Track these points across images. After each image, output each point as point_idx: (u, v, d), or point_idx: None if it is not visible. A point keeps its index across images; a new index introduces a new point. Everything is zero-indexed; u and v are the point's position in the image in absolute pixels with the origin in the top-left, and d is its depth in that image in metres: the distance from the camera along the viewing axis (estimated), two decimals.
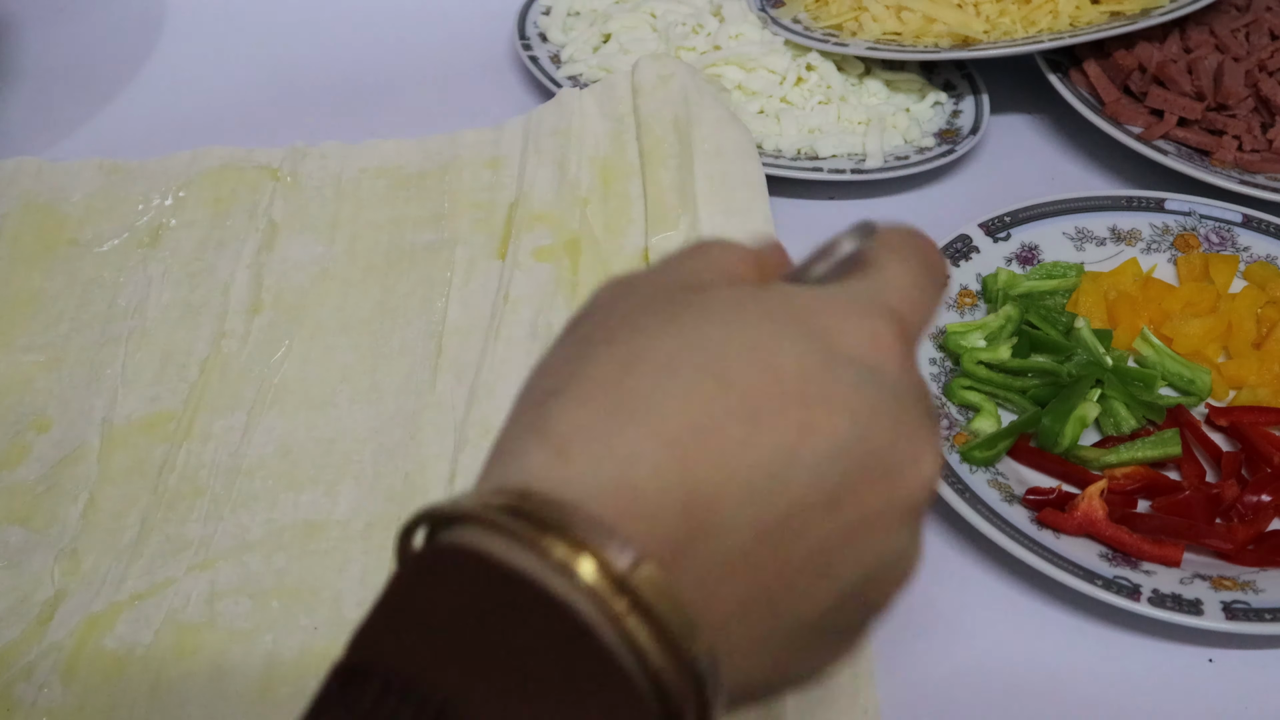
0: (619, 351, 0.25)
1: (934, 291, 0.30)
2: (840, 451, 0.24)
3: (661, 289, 0.27)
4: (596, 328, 0.27)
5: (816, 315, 0.26)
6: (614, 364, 0.25)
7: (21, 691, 0.45)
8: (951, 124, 0.73)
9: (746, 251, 0.30)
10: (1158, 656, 0.47)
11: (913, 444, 0.26)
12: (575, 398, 0.24)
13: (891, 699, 0.45)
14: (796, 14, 0.78)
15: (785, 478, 0.24)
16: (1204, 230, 0.63)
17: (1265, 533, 0.50)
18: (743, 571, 0.24)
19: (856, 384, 0.25)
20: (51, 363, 0.58)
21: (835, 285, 0.28)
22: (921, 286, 0.29)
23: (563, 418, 0.24)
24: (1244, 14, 0.76)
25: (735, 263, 0.29)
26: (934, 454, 0.27)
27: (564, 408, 0.24)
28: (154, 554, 0.50)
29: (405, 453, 0.54)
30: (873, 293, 0.28)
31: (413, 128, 0.73)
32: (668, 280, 0.28)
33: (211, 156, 0.70)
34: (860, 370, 0.25)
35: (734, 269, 0.29)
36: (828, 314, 0.26)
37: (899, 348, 0.27)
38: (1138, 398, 0.54)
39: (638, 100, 0.68)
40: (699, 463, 0.23)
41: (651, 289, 0.27)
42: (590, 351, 0.26)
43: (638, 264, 0.61)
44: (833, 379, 0.25)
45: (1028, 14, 0.73)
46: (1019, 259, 0.62)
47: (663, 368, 0.24)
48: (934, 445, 0.27)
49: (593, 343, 0.26)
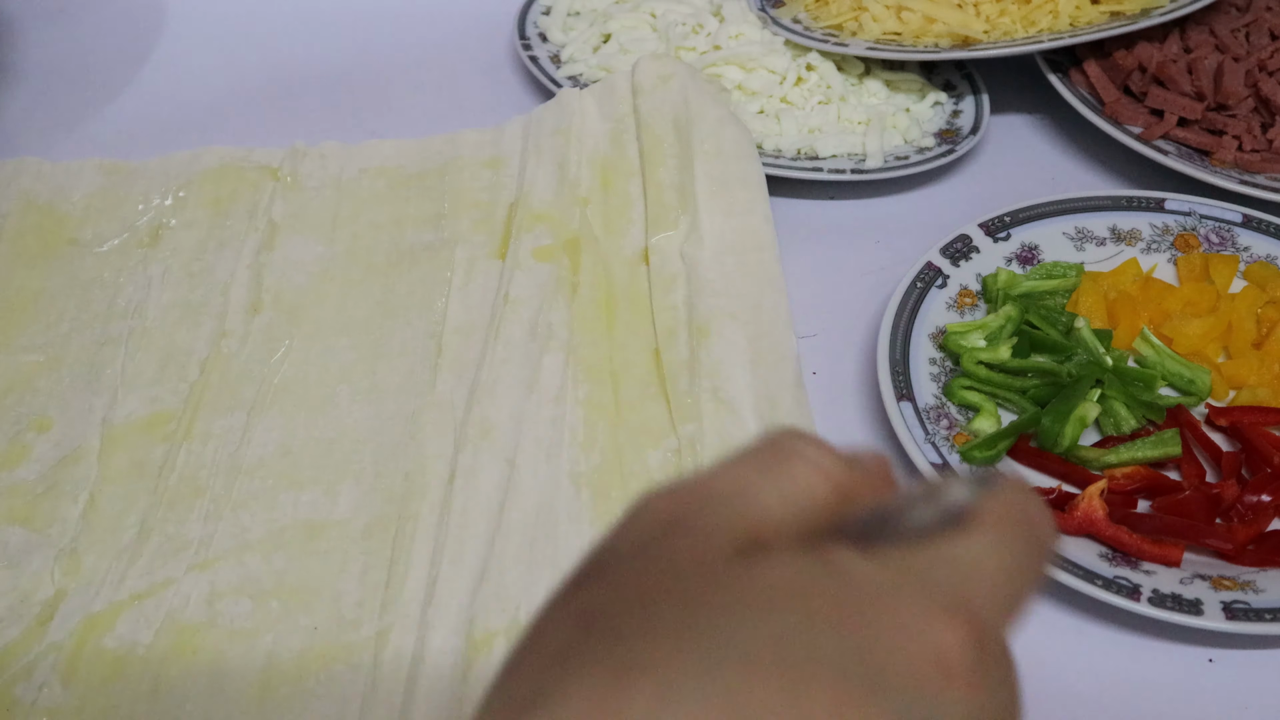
0: (619, 654, 0.22)
1: (1032, 580, 0.25)
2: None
3: (700, 546, 0.23)
4: (606, 596, 0.23)
5: (875, 618, 0.22)
6: (607, 671, 0.21)
7: (21, 691, 0.45)
8: (951, 124, 0.73)
9: (834, 465, 0.25)
10: (1158, 656, 0.47)
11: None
12: (579, 679, 0.21)
13: None
14: (796, 14, 0.78)
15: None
16: (1204, 230, 0.63)
17: (1265, 533, 0.50)
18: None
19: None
20: (51, 363, 0.58)
21: (917, 557, 0.23)
22: (1019, 575, 0.24)
23: (569, 702, 0.21)
24: (1244, 14, 0.76)
25: (816, 488, 0.25)
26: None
27: (569, 690, 0.21)
28: (154, 554, 0.50)
29: (405, 453, 0.54)
30: (957, 580, 0.23)
31: (413, 128, 0.73)
32: (714, 527, 0.24)
33: (211, 156, 0.70)
34: (908, 707, 0.21)
35: (812, 498, 0.25)
36: (889, 615, 0.22)
37: (968, 664, 0.22)
38: (1138, 398, 0.54)
39: (638, 100, 0.68)
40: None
41: (689, 542, 0.23)
42: (586, 646, 0.22)
43: (638, 265, 0.61)
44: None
45: (1028, 14, 0.73)
46: (1019, 259, 0.62)
47: (663, 687, 0.21)
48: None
49: (591, 629, 0.22)
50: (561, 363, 0.56)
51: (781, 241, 0.65)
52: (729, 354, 0.56)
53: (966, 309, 0.59)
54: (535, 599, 0.47)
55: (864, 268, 0.65)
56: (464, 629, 0.46)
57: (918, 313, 0.58)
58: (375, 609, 0.48)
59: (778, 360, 0.56)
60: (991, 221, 0.63)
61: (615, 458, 0.53)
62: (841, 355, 0.60)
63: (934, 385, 0.55)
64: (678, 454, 0.52)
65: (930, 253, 0.60)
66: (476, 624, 0.46)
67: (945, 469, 0.50)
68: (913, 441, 0.51)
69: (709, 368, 0.55)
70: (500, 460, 0.52)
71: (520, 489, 0.51)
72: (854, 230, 0.68)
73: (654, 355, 0.57)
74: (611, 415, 0.54)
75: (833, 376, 0.59)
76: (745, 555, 0.23)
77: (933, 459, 0.50)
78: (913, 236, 0.65)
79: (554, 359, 0.56)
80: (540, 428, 0.53)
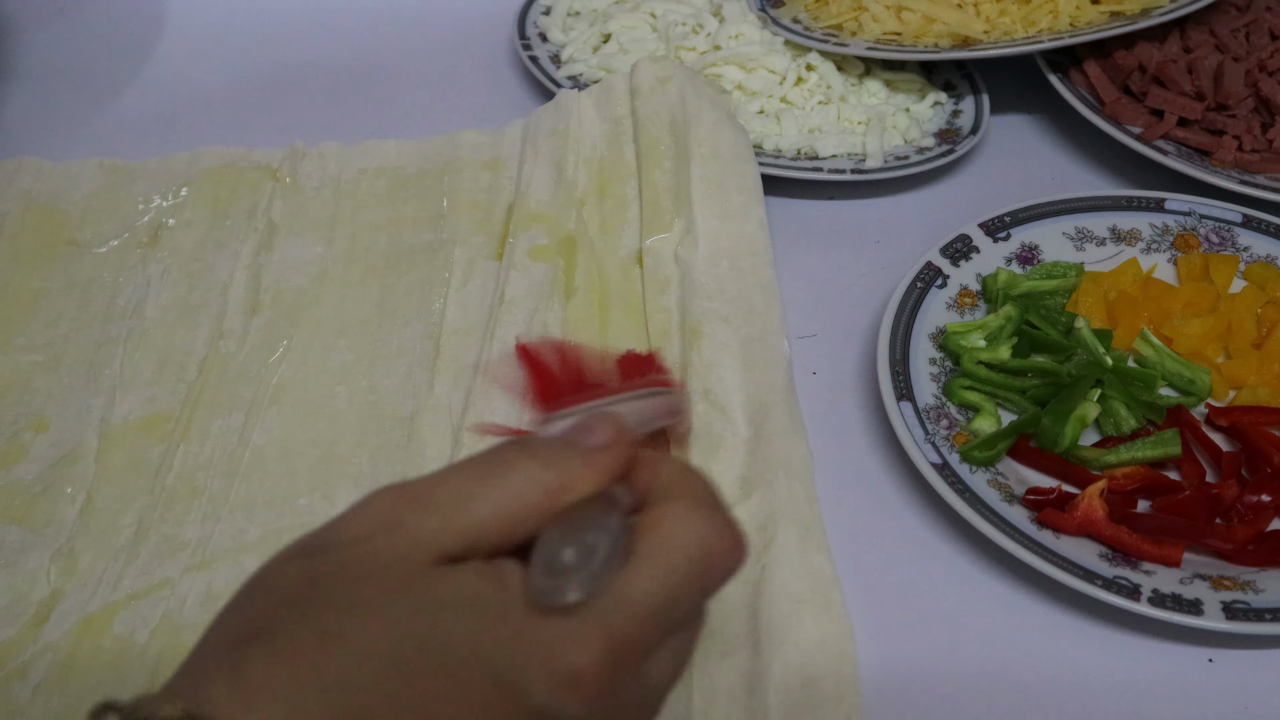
0: (326, 620, 0.27)
1: (683, 612, 0.31)
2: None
3: (407, 548, 0.29)
4: (325, 569, 0.29)
5: (528, 633, 0.28)
6: (314, 634, 0.27)
7: (17, 691, 0.45)
8: (951, 124, 0.73)
9: (548, 476, 0.31)
10: (1158, 656, 0.47)
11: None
12: (275, 652, 0.27)
13: (891, 699, 0.45)
14: (796, 14, 0.78)
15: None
16: (1204, 230, 0.63)
17: (1265, 533, 0.50)
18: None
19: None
20: (50, 363, 0.58)
21: (578, 580, 0.29)
22: (668, 609, 0.30)
23: (257, 668, 0.27)
24: (1244, 14, 0.76)
25: (528, 496, 0.30)
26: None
27: (262, 659, 0.27)
28: (151, 554, 0.50)
29: (403, 455, 0.53)
30: (608, 607, 0.29)
31: (412, 128, 0.73)
32: (425, 533, 0.29)
33: (211, 156, 0.70)
34: (541, 713, 0.28)
35: (524, 506, 0.30)
36: (539, 632, 0.28)
37: (595, 679, 0.28)
38: (1138, 398, 0.54)
39: (635, 102, 0.68)
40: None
41: (400, 543, 0.29)
42: (306, 604, 0.28)
43: (632, 267, 0.61)
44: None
45: (1028, 14, 0.73)
46: (1019, 259, 0.61)
47: (355, 653, 0.27)
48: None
49: (311, 599, 0.28)
50: None
51: (781, 241, 0.65)
52: (721, 356, 0.56)
53: (966, 309, 0.59)
54: None
55: (864, 268, 0.65)
56: None
57: (918, 313, 0.58)
58: None
59: (769, 363, 0.56)
60: (991, 221, 0.62)
61: None
62: (841, 355, 0.60)
63: (934, 385, 0.55)
64: None
65: (930, 253, 0.60)
66: None
67: (945, 469, 0.50)
68: (913, 441, 0.51)
69: (700, 370, 0.55)
70: None
71: None
72: (854, 230, 0.68)
73: None
74: None
75: (833, 376, 0.58)
76: (442, 564, 0.29)
77: (933, 459, 0.50)
78: (913, 236, 0.65)
79: None
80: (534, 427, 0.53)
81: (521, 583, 0.29)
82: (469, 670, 0.28)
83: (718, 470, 0.51)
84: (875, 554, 0.50)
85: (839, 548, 0.49)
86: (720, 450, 0.52)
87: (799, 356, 0.59)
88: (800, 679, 0.44)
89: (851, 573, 0.48)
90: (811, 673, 0.44)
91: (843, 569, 0.48)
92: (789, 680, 0.44)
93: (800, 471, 0.51)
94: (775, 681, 0.44)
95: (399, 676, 0.27)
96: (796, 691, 0.44)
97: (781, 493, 0.50)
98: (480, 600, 0.28)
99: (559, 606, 0.28)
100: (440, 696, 0.27)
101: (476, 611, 0.28)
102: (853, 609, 0.47)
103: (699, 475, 0.32)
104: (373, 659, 0.27)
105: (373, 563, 0.29)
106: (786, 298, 0.61)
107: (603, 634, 0.28)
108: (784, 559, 0.48)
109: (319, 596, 0.28)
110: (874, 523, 0.52)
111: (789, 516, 0.49)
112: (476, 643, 0.28)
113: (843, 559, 0.49)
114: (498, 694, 0.28)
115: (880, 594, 0.49)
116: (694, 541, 0.30)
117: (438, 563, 0.29)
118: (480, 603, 0.28)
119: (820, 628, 0.46)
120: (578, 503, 0.30)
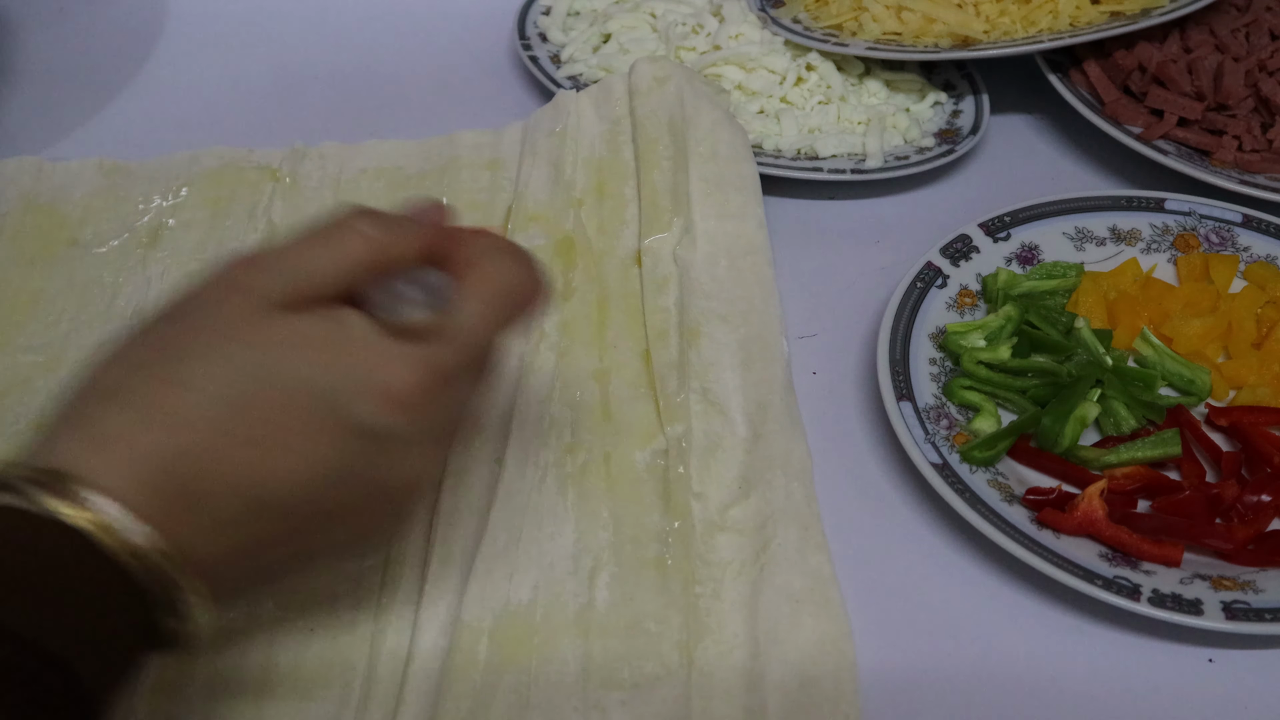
0: (172, 371, 0.32)
1: (502, 323, 0.36)
2: (315, 488, 0.33)
3: (252, 302, 0.33)
4: (176, 332, 0.34)
5: (354, 360, 0.33)
6: (161, 384, 0.32)
7: None
8: (951, 124, 0.73)
9: (381, 233, 0.35)
10: (1158, 656, 0.47)
11: (401, 469, 0.35)
12: (123, 405, 0.32)
13: (890, 699, 0.45)
14: (796, 14, 0.78)
15: (267, 497, 0.33)
16: (1204, 230, 0.63)
17: (1265, 533, 0.50)
18: (227, 532, 0.33)
19: (350, 443, 0.33)
20: (50, 363, 0.58)
21: (411, 318, 0.34)
22: (485, 327, 0.35)
23: (108, 421, 0.32)
24: (1244, 14, 0.76)
25: (360, 253, 0.34)
26: (426, 471, 0.36)
27: (111, 413, 0.32)
28: None
29: None
30: (425, 341, 0.34)
31: (412, 128, 0.73)
32: (268, 288, 0.34)
33: (211, 156, 0.70)
34: (362, 427, 0.33)
35: (356, 261, 0.34)
36: (363, 358, 0.33)
37: (420, 401, 0.33)
38: (1138, 398, 0.54)
39: (634, 102, 0.68)
40: (203, 472, 0.32)
41: (243, 299, 0.34)
42: (155, 364, 0.33)
43: (630, 267, 0.61)
44: (329, 436, 0.33)
45: (1028, 14, 0.72)
46: (1019, 259, 0.61)
47: (195, 392, 0.32)
48: (428, 466, 0.36)
49: (160, 359, 0.33)
50: (552, 363, 0.56)
51: (781, 241, 0.65)
52: (719, 356, 0.56)
53: (966, 309, 0.59)
54: (520, 598, 0.47)
55: (864, 268, 0.64)
56: (450, 629, 0.46)
57: (918, 313, 0.58)
58: (372, 610, 0.48)
59: (768, 363, 0.56)
60: (991, 221, 0.62)
61: (602, 458, 0.52)
62: (841, 355, 0.60)
63: (934, 385, 0.55)
64: (665, 455, 0.52)
65: (930, 253, 0.60)
66: (462, 624, 0.46)
67: (945, 469, 0.50)
68: (913, 441, 0.51)
69: (699, 369, 0.55)
70: (489, 460, 0.52)
71: (508, 488, 0.51)
72: (854, 230, 0.68)
73: (644, 357, 0.57)
74: (600, 416, 0.54)
75: (833, 376, 0.58)
76: (285, 310, 0.33)
77: (933, 459, 0.50)
78: (913, 236, 0.65)
79: (544, 359, 0.56)
80: (528, 428, 0.53)
81: (359, 323, 0.34)
82: (302, 396, 0.32)
83: (716, 470, 0.51)
84: (874, 554, 0.50)
85: (838, 548, 0.49)
86: (719, 450, 0.52)
87: (799, 356, 0.59)
88: (799, 679, 0.44)
89: (850, 573, 0.48)
90: (810, 673, 0.44)
91: (842, 569, 0.48)
92: (788, 680, 0.44)
93: (799, 471, 0.51)
94: (774, 681, 0.44)
95: (237, 407, 0.32)
96: (795, 691, 0.44)
97: (780, 492, 0.50)
98: (316, 338, 0.33)
99: (404, 325, 0.33)
100: (275, 422, 0.32)
101: (313, 347, 0.33)
102: (852, 609, 0.47)
103: (508, 240, 0.38)
104: (214, 397, 0.32)
105: (216, 317, 0.33)
106: (786, 298, 0.61)
107: (424, 357, 0.33)
108: (783, 559, 0.48)
109: (168, 355, 0.33)
110: (873, 523, 0.52)
111: (788, 516, 0.49)
112: (310, 372, 0.32)
113: (842, 559, 0.49)
114: (328, 414, 0.32)
115: (879, 594, 0.49)
116: (506, 281, 0.36)
117: (279, 310, 0.33)
118: (316, 340, 0.33)
119: (819, 628, 0.46)
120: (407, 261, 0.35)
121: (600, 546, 0.49)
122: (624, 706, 0.44)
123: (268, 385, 0.32)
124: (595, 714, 0.44)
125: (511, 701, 0.44)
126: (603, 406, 0.55)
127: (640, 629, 0.46)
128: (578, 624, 0.46)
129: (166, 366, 0.32)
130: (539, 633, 0.46)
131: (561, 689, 0.44)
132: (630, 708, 0.44)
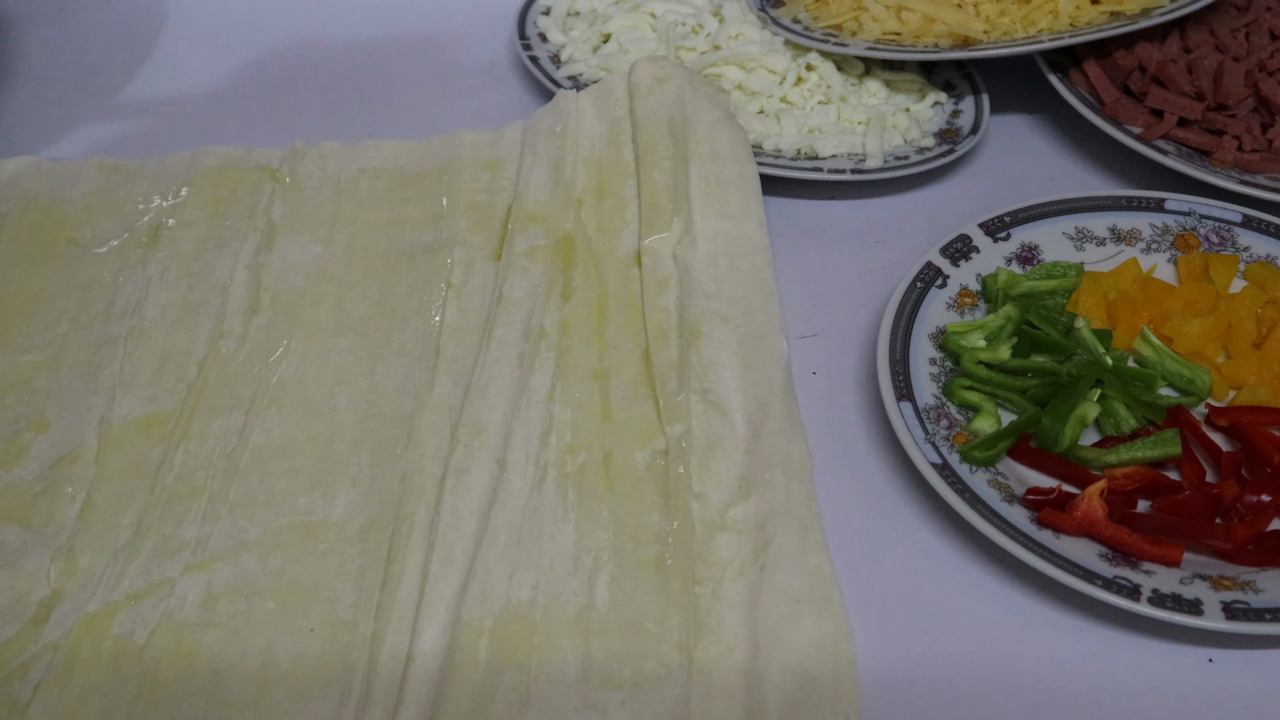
0: None
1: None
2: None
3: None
4: None
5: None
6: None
7: (17, 691, 0.45)
8: (951, 124, 0.73)
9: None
10: (1158, 656, 0.47)
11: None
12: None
13: (890, 699, 0.45)
14: (796, 14, 0.78)
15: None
16: (1204, 230, 0.63)
17: (1265, 533, 0.50)
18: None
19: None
20: (50, 363, 0.58)
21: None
22: None
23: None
24: (1244, 14, 0.76)
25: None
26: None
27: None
28: (150, 554, 0.50)
29: (403, 455, 0.53)
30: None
31: (412, 128, 0.73)
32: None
33: (211, 156, 0.70)
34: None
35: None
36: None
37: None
38: (1138, 398, 0.54)
39: (634, 102, 0.68)
40: None
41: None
42: None
43: (631, 267, 0.61)
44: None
45: (1028, 14, 0.72)
46: (1019, 259, 0.61)
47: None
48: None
49: None
50: (552, 363, 0.56)
51: (781, 241, 0.65)
52: (719, 356, 0.56)
53: (966, 309, 0.59)
54: (520, 598, 0.47)
55: (864, 268, 0.64)
56: (450, 629, 0.46)
57: (918, 313, 0.58)
58: (371, 610, 0.48)
59: (768, 363, 0.56)
60: (991, 221, 0.62)
61: (601, 458, 0.52)
62: (841, 355, 0.60)
63: (934, 385, 0.55)
64: (665, 455, 0.52)
65: (930, 253, 0.60)
66: (462, 624, 0.46)
67: (945, 469, 0.50)
68: (912, 441, 0.51)
69: (699, 369, 0.55)
70: (490, 460, 0.52)
71: (508, 489, 0.51)
72: (854, 230, 0.68)
73: (644, 356, 0.57)
74: (600, 416, 0.54)
75: (833, 376, 0.58)
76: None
77: (933, 459, 0.50)
78: (913, 236, 0.65)
79: (545, 359, 0.56)
80: (529, 428, 0.53)
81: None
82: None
83: (716, 469, 0.51)
84: (874, 554, 0.50)
85: (838, 547, 0.49)
86: (719, 450, 0.52)
87: (799, 356, 0.59)
88: (799, 679, 0.44)
89: (850, 572, 0.48)
90: (810, 673, 0.44)
91: (841, 569, 0.48)
92: (787, 680, 0.44)
93: (799, 471, 0.51)
94: (774, 681, 0.44)
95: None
96: (795, 691, 0.44)
97: (780, 492, 0.50)
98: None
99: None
100: None
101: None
102: (851, 609, 0.47)
103: None
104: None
105: None
106: (786, 298, 0.61)
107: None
108: (783, 558, 0.48)
109: None
110: (873, 522, 0.52)
111: (788, 516, 0.49)
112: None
113: (842, 559, 0.49)
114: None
115: (879, 594, 0.49)
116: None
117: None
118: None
119: (819, 627, 0.46)
120: None
121: (600, 546, 0.49)
122: (624, 706, 0.44)
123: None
124: (595, 714, 0.44)
125: (511, 701, 0.44)
126: (603, 406, 0.55)
127: (640, 629, 0.46)
128: (577, 624, 0.46)
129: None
130: (539, 632, 0.46)
131: (561, 689, 0.44)
132: (630, 707, 0.44)
